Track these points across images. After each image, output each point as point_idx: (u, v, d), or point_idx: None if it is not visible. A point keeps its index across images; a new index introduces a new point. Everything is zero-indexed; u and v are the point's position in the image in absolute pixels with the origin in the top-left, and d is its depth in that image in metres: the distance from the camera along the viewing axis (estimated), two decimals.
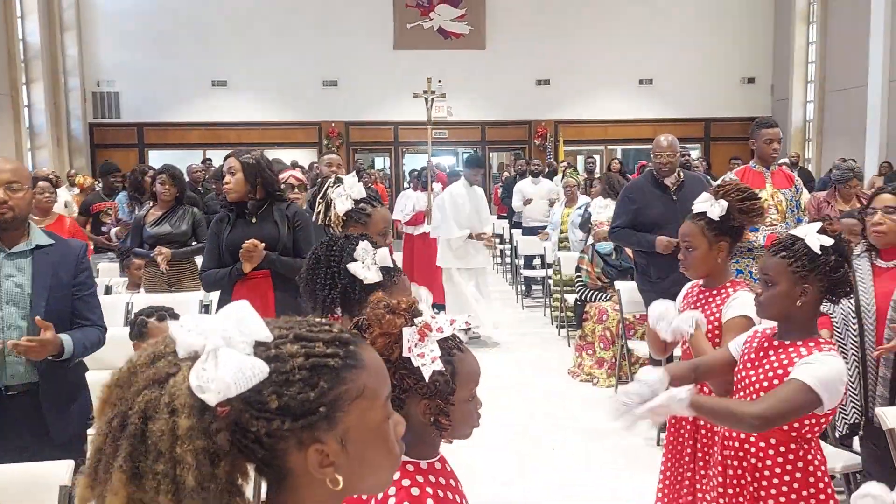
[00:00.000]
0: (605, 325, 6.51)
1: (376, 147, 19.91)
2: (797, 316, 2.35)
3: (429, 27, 18.69)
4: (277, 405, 0.94)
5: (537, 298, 10.23)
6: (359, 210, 3.31)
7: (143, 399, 0.92)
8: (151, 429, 0.90)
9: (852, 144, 15.78)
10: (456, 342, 1.66)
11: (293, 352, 0.97)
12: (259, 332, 0.96)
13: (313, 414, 0.96)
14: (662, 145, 5.45)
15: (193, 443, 0.89)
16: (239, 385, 0.91)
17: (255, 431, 0.94)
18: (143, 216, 6.05)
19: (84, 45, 17.85)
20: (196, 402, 0.91)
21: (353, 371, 1.00)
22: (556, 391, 6.36)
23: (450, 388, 1.60)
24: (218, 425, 0.91)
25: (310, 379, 0.96)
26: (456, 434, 1.69)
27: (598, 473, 4.74)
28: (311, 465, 0.97)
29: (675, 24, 18.87)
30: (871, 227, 3.28)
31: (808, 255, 2.31)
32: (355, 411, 1.00)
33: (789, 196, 5.49)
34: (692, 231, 2.95)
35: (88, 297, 2.97)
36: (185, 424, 0.90)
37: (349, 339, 1.03)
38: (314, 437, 0.97)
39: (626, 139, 19.80)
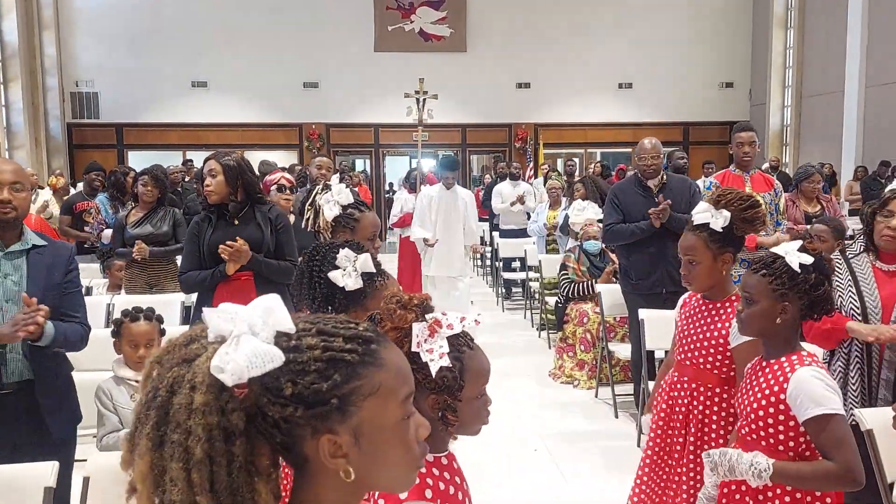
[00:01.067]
0: (586, 327, 6.55)
1: (357, 149, 19.88)
2: (777, 333, 2.35)
3: (410, 29, 18.70)
4: (291, 392, 0.99)
5: (517, 301, 10.26)
6: (347, 216, 3.30)
7: (172, 374, 1.00)
8: (174, 401, 0.98)
9: (829, 149, 15.98)
10: (466, 339, 1.69)
11: (312, 344, 1.03)
12: (283, 324, 1.03)
13: (325, 405, 1.01)
14: (646, 147, 5.53)
15: (206, 418, 0.96)
16: (252, 369, 0.98)
17: (273, 416, 1.00)
18: (124, 217, 6.03)
19: (63, 45, 17.69)
20: (214, 381, 0.97)
21: (370, 368, 1.05)
22: (537, 393, 6.39)
23: (457, 385, 1.64)
24: (234, 405, 0.98)
25: (325, 371, 1.01)
26: (464, 430, 1.72)
27: (579, 475, 4.77)
28: (323, 453, 1.02)
29: (654, 29, 19.01)
30: (887, 231, 3.18)
31: (787, 273, 2.31)
32: (369, 407, 1.04)
33: (768, 200, 5.56)
34: (695, 244, 2.82)
35: (75, 296, 3.02)
36: (200, 400, 0.97)
37: (372, 338, 1.08)
38: (327, 427, 1.02)
39: (606, 143, 19.91)
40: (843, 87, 15.59)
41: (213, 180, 3.97)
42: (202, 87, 18.33)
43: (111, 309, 5.38)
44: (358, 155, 20.54)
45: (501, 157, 18.64)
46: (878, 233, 3.23)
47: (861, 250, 3.34)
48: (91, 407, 3.31)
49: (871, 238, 3.28)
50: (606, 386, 6.03)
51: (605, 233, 5.78)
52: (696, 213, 2.87)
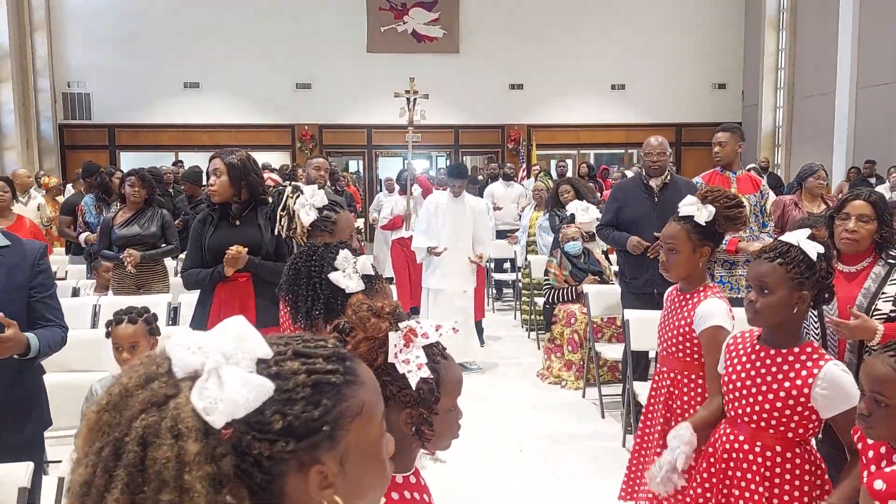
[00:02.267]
0: (574, 328, 6.55)
1: (350, 150, 19.88)
2: (791, 323, 2.35)
3: (402, 30, 18.70)
4: (281, 425, 0.89)
5: (508, 301, 10.27)
6: (324, 218, 3.26)
7: (141, 424, 0.85)
8: (153, 456, 0.83)
9: (821, 150, 16.00)
10: (440, 349, 1.59)
11: (295, 369, 0.93)
12: (259, 349, 0.92)
13: (317, 433, 0.91)
14: (652, 145, 5.55)
15: (202, 468, 0.83)
16: (248, 405, 0.87)
17: (257, 454, 0.88)
18: (111, 218, 6.02)
19: (54, 46, 17.65)
20: (201, 424, 0.85)
21: (353, 387, 0.97)
22: (525, 394, 6.39)
23: (434, 397, 1.53)
24: (223, 449, 0.86)
25: (312, 397, 0.92)
26: (437, 445, 1.63)
27: (565, 475, 4.77)
28: (312, 487, 0.92)
29: (647, 31, 19.04)
30: (845, 234, 3.23)
31: (805, 261, 2.31)
32: (355, 429, 0.96)
33: (753, 201, 5.57)
34: (677, 234, 2.94)
35: (48, 299, 2.90)
36: (193, 449, 0.83)
37: (346, 354, 1.00)
38: (315, 458, 0.92)
39: (599, 144, 19.93)
40: (835, 89, 15.61)
41: (217, 180, 3.93)
42: (194, 88, 18.30)
43: (98, 310, 5.38)
44: (351, 156, 20.54)
45: (494, 157, 18.65)
46: (837, 236, 3.28)
47: None
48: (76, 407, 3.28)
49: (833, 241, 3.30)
50: (593, 386, 6.04)
51: (597, 230, 5.90)
52: (683, 206, 2.98)
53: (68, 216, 7.84)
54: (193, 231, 4.10)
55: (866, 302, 3.17)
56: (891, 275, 3.20)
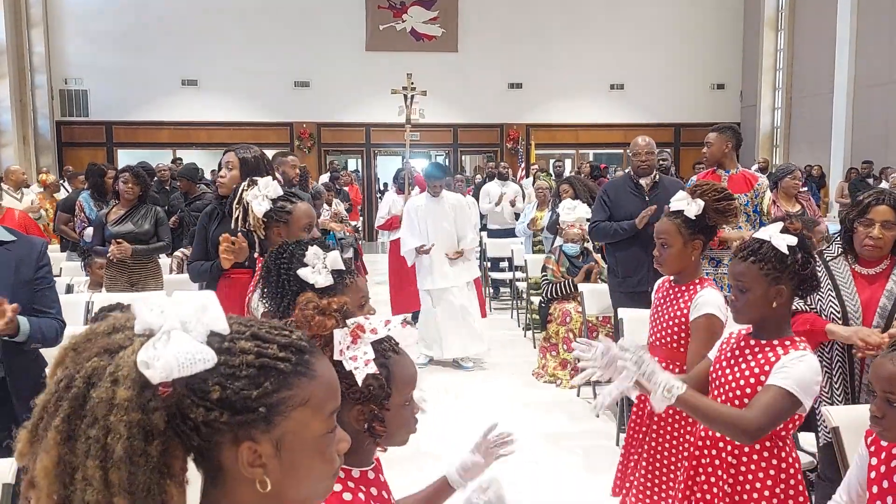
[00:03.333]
0: (569, 326, 6.54)
1: (348, 149, 19.87)
2: (773, 317, 2.36)
3: (401, 29, 18.69)
4: (219, 396, 0.95)
5: (505, 301, 10.25)
6: (278, 209, 3.22)
7: (91, 365, 0.94)
8: (92, 394, 0.92)
9: (818, 150, 16.02)
10: (391, 344, 1.59)
11: (245, 348, 0.99)
12: (217, 324, 0.98)
13: (252, 412, 0.97)
14: (640, 145, 5.61)
15: (129, 414, 0.91)
16: (182, 368, 0.93)
17: (194, 419, 0.95)
18: (105, 214, 6.00)
19: (51, 42, 17.64)
20: (139, 376, 0.92)
21: (302, 379, 1.01)
22: (520, 392, 6.38)
23: (384, 393, 1.54)
24: (156, 403, 0.93)
25: (256, 378, 0.97)
26: (391, 441, 1.63)
27: (559, 474, 4.76)
28: (242, 461, 0.98)
29: (646, 31, 19.04)
30: (868, 241, 3.16)
31: (777, 256, 2.32)
32: (296, 419, 1.01)
33: (744, 201, 5.55)
34: (668, 229, 3.00)
35: (47, 291, 2.97)
36: (124, 395, 0.91)
37: (306, 347, 1.05)
38: (249, 435, 0.98)
39: (598, 143, 19.95)
40: (833, 89, 15.62)
41: (228, 173, 3.92)
42: (192, 86, 18.29)
43: (90, 307, 5.35)
44: (349, 154, 20.55)
45: (493, 157, 18.64)
46: (858, 241, 3.20)
47: (839, 253, 3.31)
48: None
49: (850, 242, 3.24)
50: (588, 385, 6.02)
51: (590, 230, 5.88)
52: (674, 201, 3.04)
53: (67, 213, 7.83)
54: (200, 225, 4.10)
55: (890, 304, 3.12)
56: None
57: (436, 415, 5.70)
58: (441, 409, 5.76)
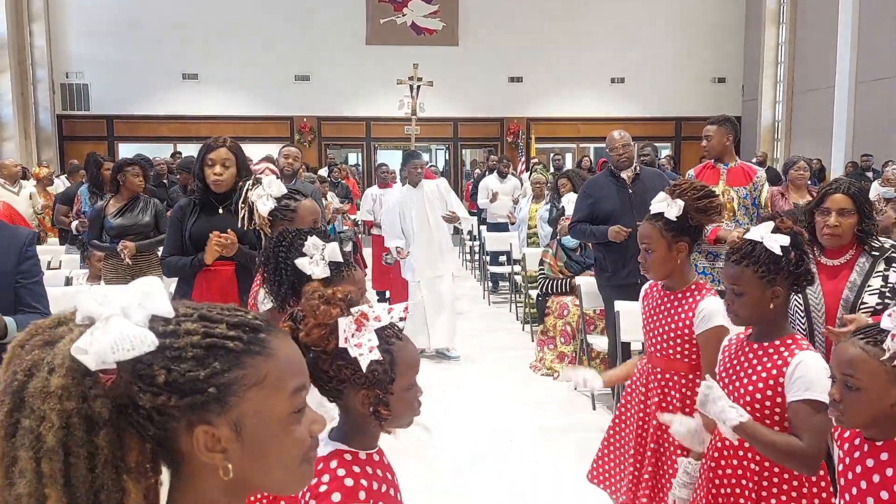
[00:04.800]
0: (566, 319, 6.56)
1: (348, 142, 19.87)
2: (771, 317, 2.35)
3: (401, 23, 18.67)
4: (165, 380, 0.92)
5: (504, 294, 10.26)
6: (283, 207, 3.22)
7: (31, 358, 0.92)
8: (29, 386, 0.91)
9: (820, 144, 15.99)
10: (394, 331, 1.63)
11: (191, 329, 0.96)
12: (160, 308, 0.96)
13: (201, 393, 0.94)
14: (616, 139, 5.66)
15: (62, 403, 0.89)
16: (118, 353, 0.91)
17: (143, 405, 0.93)
18: (103, 207, 6.00)
19: (52, 36, 17.64)
20: (75, 364, 0.90)
21: (256, 357, 0.98)
22: (518, 386, 6.39)
23: (389, 378, 1.58)
24: (97, 391, 0.91)
25: (203, 358, 0.95)
26: (396, 424, 1.67)
27: (555, 466, 4.77)
28: (199, 447, 0.95)
29: (647, 24, 19.01)
30: (825, 230, 3.20)
31: (770, 257, 2.29)
32: (253, 399, 0.97)
33: (743, 194, 5.55)
34: (650, 233, 2.88)
35: (33, 286, 2.86)
36: (57, 383, 0.89)
37: (260, 326, 1.02)
38: (203, 419, 0.95)
39: (598, 137, 19.73)
40: (834, 83, 15.59)
41: (226, 171, 3.88)
42: (193, 80, 18.29)
43: None
44: (349, 148, 20.53)
45: (494, 151, 18.63)
46: (818, 230, 3.24)
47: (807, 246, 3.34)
48: None
49: (814, 234, 3.26)
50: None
51: (570, 228, 5.90)
52: (654, 203, 2.92)
53: (65, 205, 7.85)
54: (173, 218, 4.01)
55: (852, 296, 3.13)
56: (875, 267, 3.17)
57: (436, 408, 5.73)
58: (441, 402, 5.79)
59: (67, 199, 7.91)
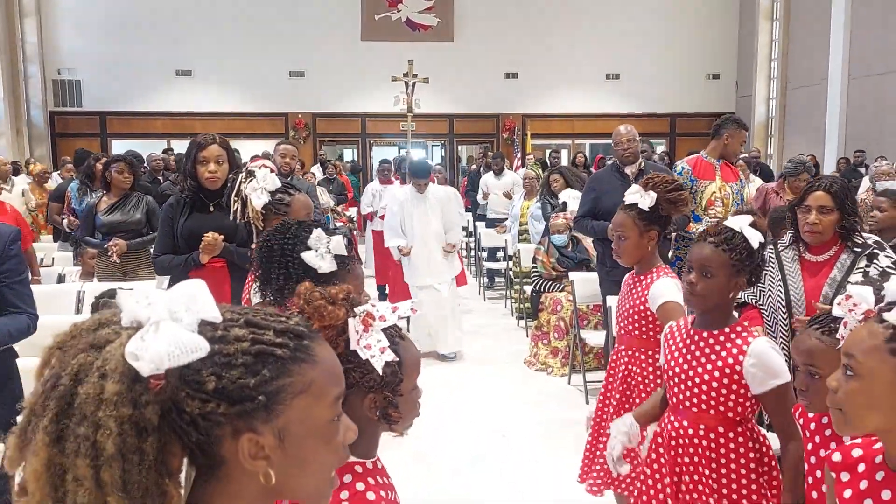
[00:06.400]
0: (560, 315, 6.57)
1: (344, 139, 19.84)
2: (725, 306, 2.41)
3: (396, 18, 18.64)
4: (214, 387, 0.92)
5: (499, 290, 10.27)
6: (277, 202, 3.23)
7: (78, 361, 0.90)
8: (79, 391, 0.89)
9: (812, 140, 16.02)
10: (397, 330, 1.58)
11: (240, 336, 0.95)
12: (208, 312, 0.95)
13: (251, 401, 0.93)
14: (622, 133, 5.67)
15: (118, 409, 0.88)
16: (173, 358, 0.90)
17: (190, 412, 0.92)
18: (94, 204, 5.98)
19: (44, 32, 17.57)
20: (128, 369, 0.89)
21: (303, 365, 0.98)
22: (512, 381, 6.40)
23: (398, 379, 1.52)
24: (148, 398, 0.90)
25: (253, 365, 0.94)
26: (402, 425, 1.61)
27: (549, 461, 4.78)
28: (243, 454, 0.95)
29: (641, 21, 19.01)
30: (807, 227, 3.27)
31: (747, 249, 2.35)
32: (298, 406, 0.97)
33: (736, 189, 5.60)
34: (624, 221, 3.09)
35: (16, 285, 2.84)
36: (112, 389, 0.88)
37: (305, 333, 1.01)
38: (249, 426, 0.94)
39: (593, 133, 19.89)
40: (827, 79, 15.62)
41: (219, 168, 3.88)
42: (187, 76, 18.24)
43: (81, 296, 5.36)
44: (345, 145, 20.50)
45: (489, 147, 18.62)
46: (800, 228, 3.34)
47: (790, 242, 3.41)
48: None
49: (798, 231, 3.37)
50: (579, 373, 6.05)
51: (574, 222, 5.90)
52: (628, 194, 3.13)
53: (58, 203, 7.84)
54: (164, 216, 4.00)
55: (832, 292, 3.19)
56: (856, 263, 3.22)
57: (432, 406, 5.72)
58: (437, 400, 5.80)
59: (59, 196, 7.90)
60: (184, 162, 4.09)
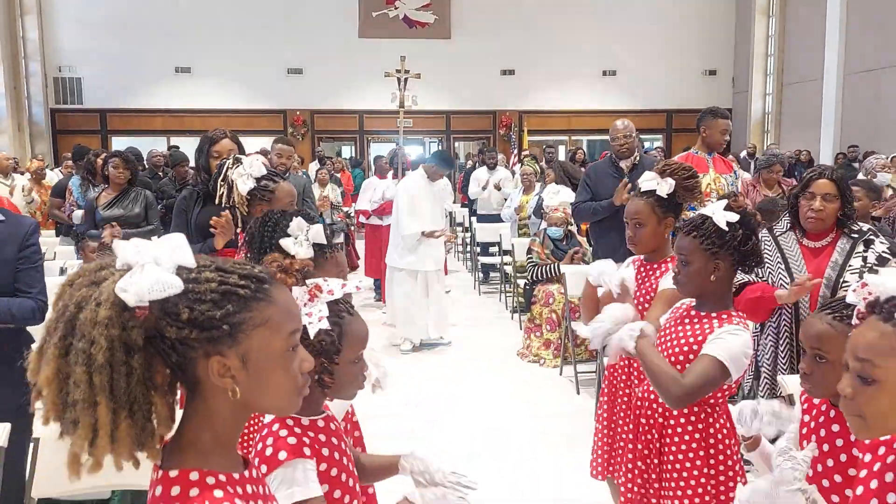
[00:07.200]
0: (552, 307, 6.68)
1: (341, 135, 19.92)
2: (713, 290, 2.47)
3: (394, 16, 18.72)
4: (188, 317, 1.14)
5: (494, 285, 10.37)
6: (262, 188, 3.30)
7: (81, 294, 1.13)
8: (80, 316, 1.11)
9: (808, 135, 16.11)
10: (346, 306, 1.76)
11: (210, 278, 1.17)
12: (185, 259, 1.17)
13: (217, 329, 1.15)
14: (618, 128, 5.77)
15: (108, 330, 1.10)
16: (153, 293, 1.12)
17: (170, 337, 1.14)
18: (95, 199, 6.09)
19: (45, 30, 17.66)
20: (118, 300, 1.11)
21: (261, 303, 1.20)
22: (505, 372, 6.50)
23: (335, 349, 1.71)
24: (134, 323, 1.12)
25: (219, 301, 1.16)
26: (340, 394, 1.80)
27: (541, 450, 4.87)
28: (213, 373, 1.17)
29: (638, 17, 19.08)
30: (810, 213, 3.34)
31: (716, 232, 2.42)
32: (258, 337, 1.19)
33: (730, 181, 5.70)
34: (642, 208, 3.03)
35: (30, 270, 3.00)
36: (105, 314, 1.10)
37: (265, 278, 1.23)
38: (217, 350, 1.16)
39: (590, 129, 20.01)
40: (823, 75, 15.70)
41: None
42: (186, 73, 18.33)
43: None
44: (343, 141, 20.58)
45: (487, 143, 18.70)
46: (802, 214, 3.40)
47: (788, 228, 3.49)
48: None
49: (798, 217, 3.43)
50: (570, 364, 6.15)
51: (573, 210, 6.01)
52: (644, 181, 3.07)
53: (59, 198, 7.93)
54: (178, 208, 4.08)
55: (834, 274, 3.30)
56: (855, 248, 3.34)
57: (425, 397, 5.84)
58: (431, 392, 5.91)
59: (59, 191, 8.00)
60: (196, 157, 4.22)
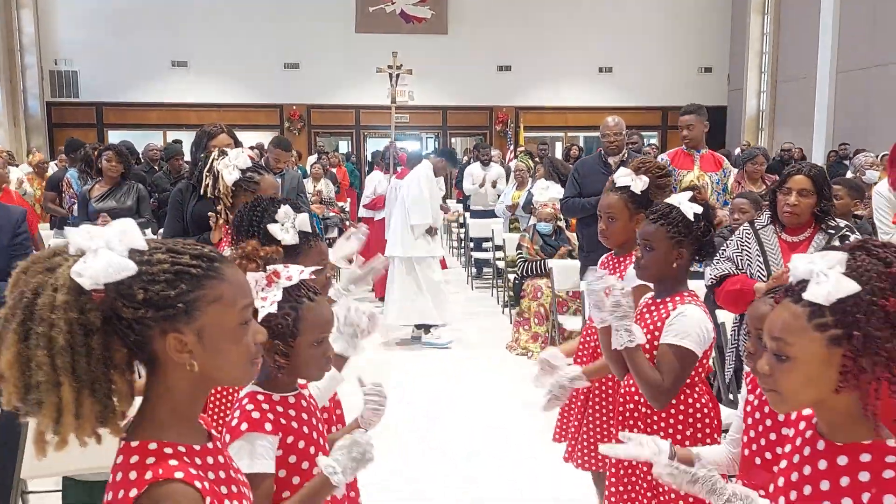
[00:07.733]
0: (540, 301, 6.76)
1: (338, 130, 19.95)
2: (671, 276, 2.57)
3: (391, 11, 18.72)
4: (143, 297, 1.20)
5: (487, 280, 10.43)
6: (247, 179, 3.37)
7: (37, 280, 1.19)
8: (38, 302, 1.17)
9: (802, 133, 16.16)
10: (307, 292, 1.82)
11: (162, 259, 1.23)
12: (136, 242, 1.23)
13: (172, 308, 1.21)
14: (609, 125, 5.83)
15: (67, 314, 1.16)
16: (108, 276, 1.18)
17: (127, 318, 1.20)
18: (88, 191, 6.15)
19: (41, 23, 17.65)
20: (74, 284, 1.17)
21: (213, 281, 1.26)
22: (494, 365, 6.58)
23: (290, 332, 1.78)
24: (91, 305, 1.18)
25: (173, 281, 1.22)
26: (302, 374, 1.88)
27: (527, 440, 4.94)
28: (170, 349, 1.23)
29: (634, 14, 19.11)
30: (786, 208, 3.43)
31: (683, 221, 2.52)
32: (212, 312, 1.25)
33: (716, 179, 5.75)
34: (616, 203, 3.11)
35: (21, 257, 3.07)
36: (62, 299, 1.16)
37: (216, 257, 1.29)
38: (174, 328, 1.22)
39: (586, 126, 20.00)
40: (816, 73, 15.76)
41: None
42: (182, 67, 18.34)
43: None
44: (339, 136, 20.60)
45: (482, 139, 18.75)
46: (779, 209, 3.49)
47: (768, 222, 3.56)
48: None
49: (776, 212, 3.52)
50: None
51: (561, 206, 6.06)
52: (619, 177, 3.15)
53: (52, 192, 7.99)
54: (173, 201, 4.11)
55: None
56: (831, 243, 3.40)
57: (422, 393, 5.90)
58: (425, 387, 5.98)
59: (53, 184, 8.05)
60: (194, 151, 4.27)
